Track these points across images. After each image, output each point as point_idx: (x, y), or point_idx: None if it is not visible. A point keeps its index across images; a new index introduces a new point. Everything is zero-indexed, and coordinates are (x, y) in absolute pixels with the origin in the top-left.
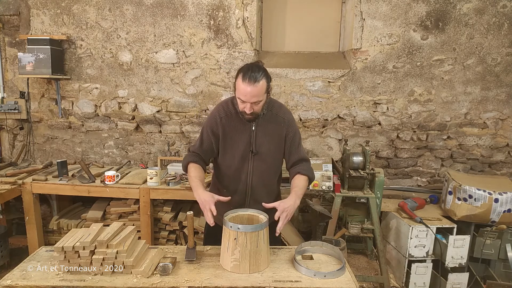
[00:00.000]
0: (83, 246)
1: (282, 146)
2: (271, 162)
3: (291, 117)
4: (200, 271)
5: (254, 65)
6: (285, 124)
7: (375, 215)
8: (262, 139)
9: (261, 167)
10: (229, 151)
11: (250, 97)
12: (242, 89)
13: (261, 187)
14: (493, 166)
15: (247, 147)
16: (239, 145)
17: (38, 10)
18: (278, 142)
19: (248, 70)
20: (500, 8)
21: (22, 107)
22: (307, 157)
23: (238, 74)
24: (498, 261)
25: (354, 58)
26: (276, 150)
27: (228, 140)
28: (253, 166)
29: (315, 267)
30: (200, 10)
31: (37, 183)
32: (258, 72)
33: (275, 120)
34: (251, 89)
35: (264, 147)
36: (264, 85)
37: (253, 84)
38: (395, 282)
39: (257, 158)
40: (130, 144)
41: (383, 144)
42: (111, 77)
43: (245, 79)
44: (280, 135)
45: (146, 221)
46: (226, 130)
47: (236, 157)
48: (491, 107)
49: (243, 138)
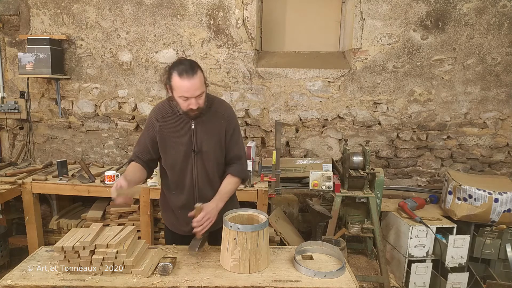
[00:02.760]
0: (83, 246)
1: (223, 143)
2: (214, 160)
3: (231, 112)
4: (200, 271)
5: (182, 60)
6: (225, 120)
7: (375, 215)
8: (202, 137)
9: (205, 165)
10: (170, 152)
11: (193, 90)
12: (183, 85)
13: (207, 185)
14: (493, 166)
15: (188, 146)
16: (180, 145)
17: (38, 10)
18: (219, 139)
19: (181, 66)
20: (500, 8)
21: (22, 107)
22: (242, 154)
23: (171, 73)
24: (498, 261)
25: (354, 58)
26: (218, 147)
27: (168, 141)
28: (197, 164)
29: (315, 267)
30: (200, 10)
31: (37, 183)
32: (191, 65)
33: (214, 117)
34: (192, 83)
35: (206, 144)
36: (201, 75)
37: (192, 77)
38: (395, 282)
39: (199, 156)
40: (130, 144)
41: (383, 144)
42: (111, 77)
43: (182, 74)
44: (220, 131)
45: (146, 221)
46: (164, 132)
47: (179, 157)
48: (491, 107)
49: (183, 137)
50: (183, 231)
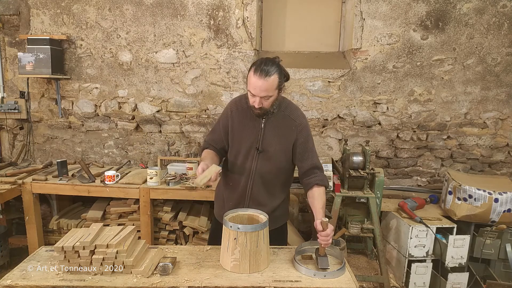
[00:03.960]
0: (83, 246)
1: (290, 150)
2: (275, 164)
3: (304, 122)
4: (200, 271)
5: (269, 59)
6: (297, 127)
7: (375, 215)
8: (269, 138)
9: (264, 167)
10: (235, 146)
11: (259, 91)
12: (253, 82)
13: (262, 186)
14: (493, 166)
15: (253, 143)
16: (246, 140)
17: (38, 10)
18: (286, 145)
19: (261, 64)
20: (500, 8)
21: (22, 107)
22: (320, 165)
23: (251, 66)
24: (498, 261)
25: (354, 58)
26: (283, 152)
27: (236, 134)
28: (257, 164)
29: (315, 267)
30: (200, 10)
31: (37, 183)
32: (271, 67)
33: (286, 122)
34: (261, 83)
35: (271, 146)
36: (275, 80)
37: (263, 78)
38: (395, 282)
39: (261, 156)
40: (130, 144)
41: (383, 144)
42: (111, 77)
43: (256, 72)
44: (289, 138)
45: (146, 221)
46: (235, 124)
47: (242, 153)
48: (491, 107)
49: (250, 134)
50: None
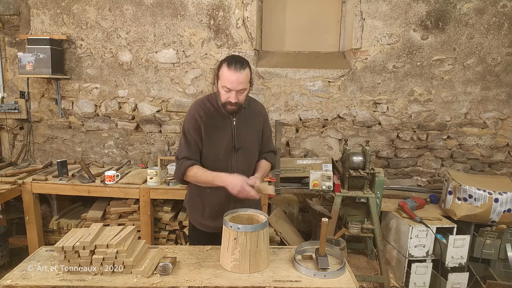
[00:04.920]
0: (83, 246)
1: (260, 139)
2: (252, 157)
3: (265, 112)
4: (200, 271)
5: (237, 55)
6: (263, 118)
7: (375, 215)
8: (243, 134)
9: (243, 162)
10: (211, 149)
11: (236, 84)
12: (228, 76)
13: None
14: (493, 166)
15: (229, 143)
16: (221, 141)
17: (38, 10)
18: (257, 136)
19: (232, 59)
20: (500, 8)
21: (22, 107)
22: (275, 149)
23: (221, 64)
24: (498, 261)
25: (354, 58)
26: (256, 144)
27: (211, 137)
28: (235, 161)
29: (315, 267)
30: (200, 10)
31: (37, 183)
32: (243, 60)
33: (253, 115)
34: (237, 76)
35: (246, 141)
36: (248, 73)
37: (239, 71)
38: (395, 282)
39: (239, 153)
40: (130, 144)
41: (383, 144)
42: (111, 77)
43: (230, 66)
44: (259, 129)
45: (146, 221)
46: (207, 128)
47: (220, 154)
48: (491, 107)
49: (224, 134)
50: (210, 227)
